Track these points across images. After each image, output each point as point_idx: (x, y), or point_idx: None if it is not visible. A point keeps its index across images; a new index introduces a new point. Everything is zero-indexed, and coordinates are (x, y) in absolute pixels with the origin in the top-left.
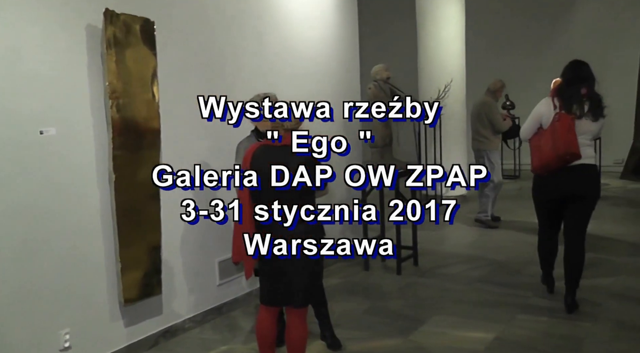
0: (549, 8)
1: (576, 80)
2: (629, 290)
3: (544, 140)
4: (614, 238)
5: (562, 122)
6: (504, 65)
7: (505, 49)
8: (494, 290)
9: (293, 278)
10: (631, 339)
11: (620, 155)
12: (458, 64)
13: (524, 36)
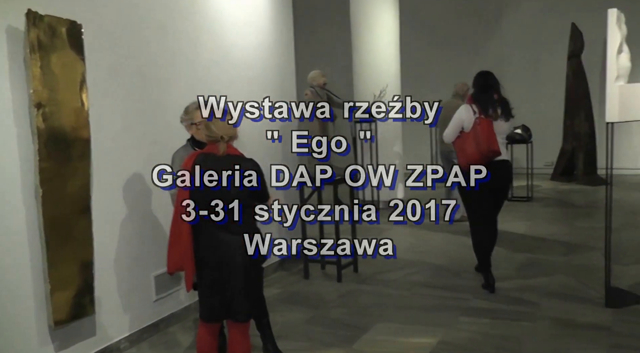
0: (481, 14)
1: (487, 87)
2: (565, 288)
3: (468, 142)
4: (547, 239)
5: (482, 125)
6: (438, 70)
7: (439, 53)
8: (436, 294)
9: (234, 292)
10: (569, 336)
11: (551, 158)
12: (393, 68)
13: (458, 41)
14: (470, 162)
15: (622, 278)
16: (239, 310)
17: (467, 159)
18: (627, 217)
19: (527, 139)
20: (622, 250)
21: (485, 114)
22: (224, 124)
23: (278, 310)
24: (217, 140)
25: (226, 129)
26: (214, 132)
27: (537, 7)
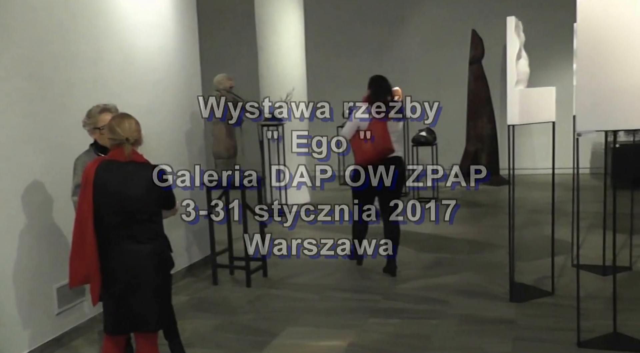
0: (385, 19)
1: (381, 91)
2: (472, 285)
3: (365, 141)
4: (455, 238)
5: (377, 125)
6: (344, 73)
7: (344, 57)
8: (345, 296)
9: (144, 301)
10: (475, 331)
11: (455, 160)
12: (299, 72)
13: (362, 45)
14: (366, 159)
15: (525, 273)
16: (149, 320)
17: (364, 156)
18: (529, 215)
19: (431, 142)
20: (525, 247)
21: (379, 114)
22: (130, 125)
23: (186, 318)
24: (122, 143)
25: (131, 131)
26: (119, 134)
27: (439, 14)
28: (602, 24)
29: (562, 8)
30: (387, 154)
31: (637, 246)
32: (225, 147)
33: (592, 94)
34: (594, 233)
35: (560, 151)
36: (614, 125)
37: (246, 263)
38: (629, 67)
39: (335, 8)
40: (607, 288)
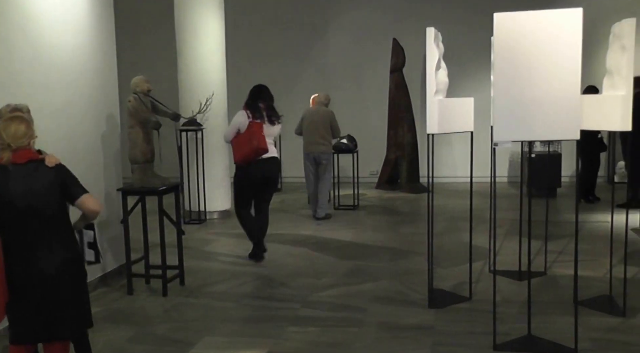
0: (306, 26)
1: (258, 97)
2: (391, 292)
3: (243, 141)
4: (373, 246)
5: (254, 128)
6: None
7: (265, 62)
8: (263, 304)
9: (59, 309)
10: (394, 338)
11: (375, 167)
12: (219, 77)
13: (283, 51)
14: (245, 157)
15: (443, 280)
16: (64, 328)
17: (243, 155)
18: (448, 223)
19: (352, 149)
20: (444, 253)
21: (255, 118)
22: (16, 130)
23: (99, 330)
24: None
25: (16, 138)
26: (3, 139)
27: (360, 22)
28: (517, 37)
29: (481, 21)
30: (263, 154)
31: (551, 252)
32: (142, 151)
33: (508, 105)
34: (511, 240)
35: (479, 160)
36: (529, 136)
37: (162, 271)
38: (543, 80)
39: (255, 13)
40: (523, 292)
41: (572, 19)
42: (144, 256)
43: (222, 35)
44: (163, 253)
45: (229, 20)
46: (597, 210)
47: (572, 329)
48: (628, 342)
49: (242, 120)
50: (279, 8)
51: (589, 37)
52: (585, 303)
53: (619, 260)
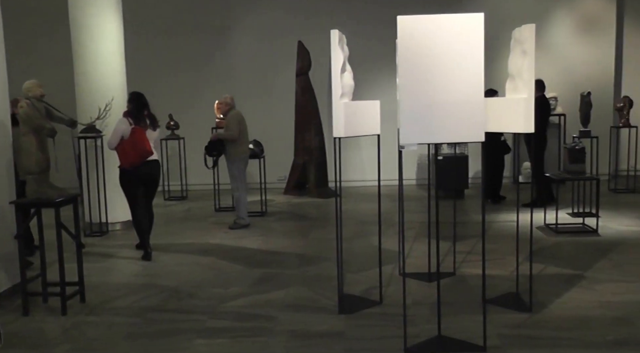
0: (208, 29)
1: (141, 105)
2: (300, 299)
3: (129, 147)
4: (282, 252)
5: (137, 133)
6: (168, 83)
7: (167, 66)
8: (169, 318)
9: None
10: (304, 346)
11: (283, 172)
12: (118, 81)
13: (186, 54)
14: (131, 161)
15: (354, 284)
16: None
17: (128, 159)
18: (357, 227)
19: (259, 154)
20: (354, 258)
21: (138, 124)
22: None
23: None
24: None
25: None
26: None
27: (264, 24)
28: (421, 41)
29: (386, 24)
30: (147, 157)
31: (460, 252)
32: (36, 161)
33: (414, 108)
34: (420, 242)
35: (387, 163)
36: (435, 139)
37: (61, 289)
38: (448, 83)
39: (156, 15)
40: (433, 294)
41: (474, 24)
42: (40, 273)
43: (121, 38)
44: (61, 269)
45: (128, 23)
46: (503, 210)
47: (481, 327)
48: (535, 336)
49: (125, 127)
50: (181, 10)
51: (490, 42)
52: (494, 301)
53: (525, 257)
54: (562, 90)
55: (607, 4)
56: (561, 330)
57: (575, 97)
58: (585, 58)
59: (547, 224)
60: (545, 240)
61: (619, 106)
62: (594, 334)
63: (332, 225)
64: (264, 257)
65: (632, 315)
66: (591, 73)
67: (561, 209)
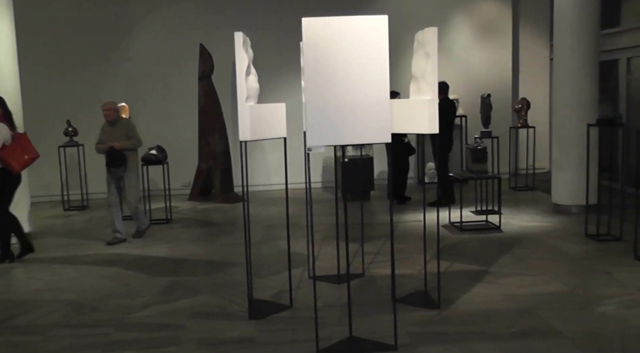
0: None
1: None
2: (210, 306)
3: (20, 152)
4: (189, 259)
5: (23, 138)
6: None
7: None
8: (73, 333)
9: None
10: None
11: (187, 178)
12: (11, 85)
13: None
14: (25, 166)
15: (264, 289)
16: None
17: (22, 164)
18: (264, 231)
19: (162, 160)
20: (263, 262)
21: (13, 129)
22: None
23: None
24: None
25: None
26: None
27: (164, 27)
28: (326, 43)
29: (290, 26)
30: (35, 160)
31: (368, 253)
32: None
33: (320, 110)
34: (328, 245)
35: (293, 166)
36: (341, 140)
37: None
38: (353, 85)
39: (51, 16)
40: (343, 295)
41: (378, 25)
42: None
43: (13, 40)
44: None
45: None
46: (408, 210)
47: (391, 326)
48: (443, 332)
49: (6, 132)
50: (77, 10)
51: (394, 44)
52: (403, 300)
53: (432, 256)
54: (462, 92)
55: (503, 9)
56: (468, 325)
57: (475, 99)
58: (484, 61)
59: (451, 222)
60: (451, 238)
61: (517, 107)
62: (499, 326)
63: (239, 231)
64: (171, 265)
65: (536, 306)
66: (490, 75)
67: (465, 208)
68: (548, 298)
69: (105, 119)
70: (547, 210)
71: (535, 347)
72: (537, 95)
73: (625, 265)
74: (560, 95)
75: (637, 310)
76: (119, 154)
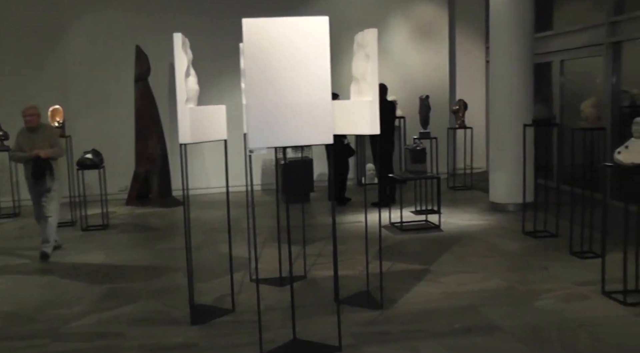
0: (40, 31)
1: None
2: (150, 313)
3: None
4: (128, 266)
5: None
6: None
7: None
8: (7, 346)
9: None
10: None
11: (124, 183)
12: None
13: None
14: None
15: (205, 294)
16: None
17: None
18: (205, 235)
19: (98, 164)
20: (204, 267)
21: None
22: None
23: None
24: None
25: None
26: None
27: (99, 27)
28: (267, 44)
29: (229, 27)
30: None
31: (310, 255)
32: None
33: (261, 112)
34: (269, 247)
35: (233, 169)
36: (283, 142)
37: None
38: (295, 86)
39: None
40: (286, 298)
41: (319, 26)
42: None
43: None
44: None
45: None
46: (349, 212)
47: (335, 328)
48: (387, 332)
49: None
50: (8, 13)
51: (333, 46)
52: (346, 301)
53: (374, 256)
54: (401, 94)
55: (439, 12)
56: (411, 323)
57: (414, 101)
58: (421, 63)
59: (392, 223)
60: (392, 238)
61: (455, 109)
62: (442, 324)
63: (179, 235)
64: (109, 272)
65: (476, 303)
66: (428, 77)
67: (405, 208)
68: (488, 294)
69: (26, 125)
70: (485, 209)
71: (477, 343)
72: (474, 97)
73: (562, 260)
74: (496, 96)
75: (573, 303)
76: (45, 163)
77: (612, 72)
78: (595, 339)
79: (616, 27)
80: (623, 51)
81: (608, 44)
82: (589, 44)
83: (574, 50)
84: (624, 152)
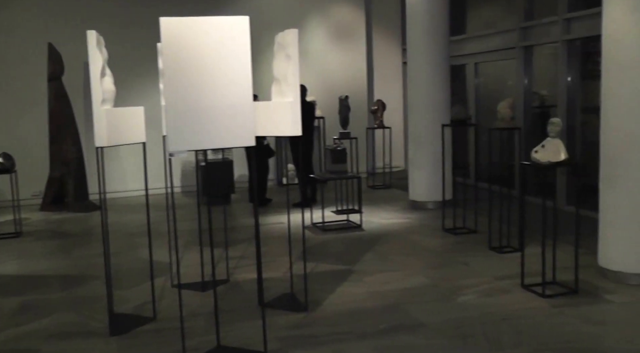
0: None
1: None
2: (67, 325)
3: None
4: (43, 275)
5: None
6: None
7: None
8: None
9: None
10: None
11: (38, 187)
12: None
13: None
14: None
15: (125, 302)
16: None
17: None
18: (124, 240)
19: (10, 168)
20: (123, 274)
21: None
22: None
23: None
24: None
25: None
26: None
27: (7, 24)
28: (187, 44)
29: (146, 25)
30: None
31: (232, 258)
32: None
33: (180, 114)
34: (192, 251)
35: (151, 171)
36: (204, 144)
37: None
38: (215, 87)
39: None
40: (209, 303)
41: (239, 27)
42: None
43: None
44: None
45: None
46: (270, 213)
47: (260, 332)
48: (312, 335)
49: None
50: None
51: (253, 47)
52: (270, 304)
53: (297, 257)
54: (320, 94)
55: (356, 14)
56: (337, 325)
57: (333, 101)
58: (340, 63)
59: (314, 223)
60: (314, 238)
61: (373, 109)
62: (368, 325)
63: (97, 241)
64: (22, 284)
65: (401, 301)
66: (346, 78)
67: (326, 208)
68: (412, 292)
69: None
70: (405, 207)
71: (404, 341)
72: (392, 97)
73: (481, 255)
74: (414, 97)
75: (495, 297)
76: None
77: (524, 74)
78: (518, 332)
79: (527, 31)
80: (534, 54)
81: (520, 48)
82: (502, 47)
83: (488, 53)
84: (541, 151)
